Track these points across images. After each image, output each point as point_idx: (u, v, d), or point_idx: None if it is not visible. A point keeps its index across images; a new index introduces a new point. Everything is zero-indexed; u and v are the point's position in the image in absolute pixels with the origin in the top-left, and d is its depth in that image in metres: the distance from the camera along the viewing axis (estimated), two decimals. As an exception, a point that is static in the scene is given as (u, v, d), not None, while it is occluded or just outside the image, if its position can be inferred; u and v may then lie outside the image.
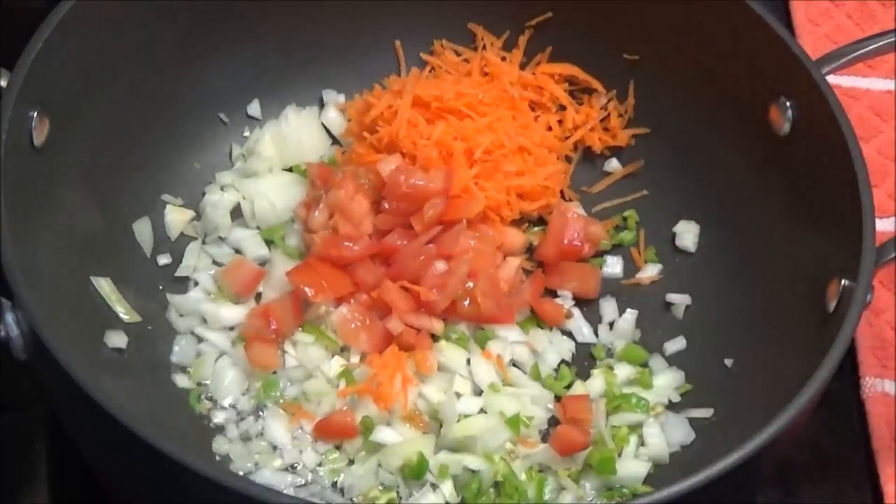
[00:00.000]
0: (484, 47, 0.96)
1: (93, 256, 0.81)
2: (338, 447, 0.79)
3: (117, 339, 0.79)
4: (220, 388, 0.81)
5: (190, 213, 0.89)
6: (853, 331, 0.71)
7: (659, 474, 0.79)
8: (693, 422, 0.82)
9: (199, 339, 0.83)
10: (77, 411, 0.67)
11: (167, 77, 0.87)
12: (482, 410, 0.80)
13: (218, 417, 0.80)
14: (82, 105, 0.80)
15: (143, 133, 0.86)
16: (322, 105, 0.96)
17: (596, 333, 0.88)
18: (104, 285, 0.80)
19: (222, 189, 0.91)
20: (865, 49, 0.84)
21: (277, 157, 0.92)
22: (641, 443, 0.81)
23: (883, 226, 0.94)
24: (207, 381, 0.81)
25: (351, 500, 0.77)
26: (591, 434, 0.80)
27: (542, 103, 0.95)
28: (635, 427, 0.81)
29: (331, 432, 0.79)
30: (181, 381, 0.81)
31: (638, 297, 0.90)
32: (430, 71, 0.96)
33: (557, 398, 0.83)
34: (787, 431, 0.65)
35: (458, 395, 0.81)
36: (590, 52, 0.95)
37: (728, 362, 0.83)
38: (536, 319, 0.87)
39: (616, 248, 0.92)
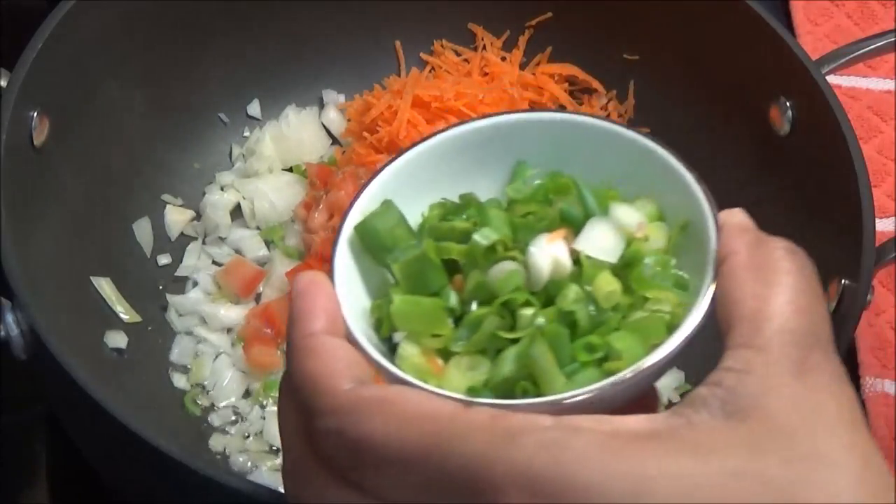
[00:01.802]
0: (484, 47, 0.96)
1: (93, 256, 0.81)
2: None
3: (117, 339, 0.79)
4: (218, 389, 0.81)
5: (190, 213, 0.89)
6: (853, 331, 0.71)
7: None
8: (693, 422, 0.81)
9: (199, 340, 0.83)
10: (77, 411, 0.67)
11: (167, 77, 0.88)
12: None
13: (216, 418, 0.80)
14: (82, 105, 0.80)
15: (142, 133, 0.86)
16: (322, 105, 0.96)
17: (596, 333, 0.88)
18: (104, 285, 0.80)
19: (222, 189, 0.91)
20: (865, 49, 0.84)
21: (277, 157, 0.92)
22: (641, 443, 0.81)
23: (883, 226, 0.94)
24: (206, 382, 0.81)
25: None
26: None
27: (542, 103, 0.95)
28: (635, 427, 0.81)
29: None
30: (180, 381, 0.81)
31: (638, 297, 0.89)
32: (430, 71, 0.97)
33: (557, 398, 0.83)
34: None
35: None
36: (590, 52, 0.95)
37: (728, 362, 0.83)
38: (536, 319, 0.87)
39: (616, 248, 0.92)
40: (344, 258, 0.48)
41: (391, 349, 0.46)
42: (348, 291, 0.47)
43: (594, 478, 0.37)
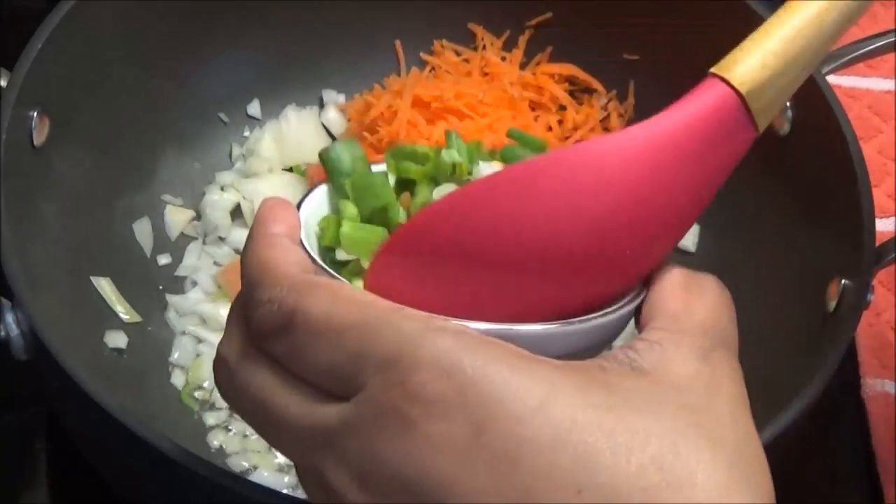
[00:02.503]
0: (484, 47, 0.96)
1: (93, 256, 0.81)
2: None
3: (117, 339, 0.79)
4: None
5: (190, 213, 0.89)
6: (853, 331, 0.71)
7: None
8: (693, 422, 0.81)
9: (199, 340, 0.83)
10: (77, 411, 0.67)
11: (167, 77, 0.88)
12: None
13: (216, 418, 0.80)
14: (82, 105, 0.80)
15: (143, 133, 0.86)
16: (322, 105, 0.96)
17: (596, 333, 0.88)
18: (104, 285, 0.80)
19: (222, 189, 0.91)
20: (865, 49, 0.84)
21: (277, 157, 0.92)
22: (641, 443, 0.81)
23: (883, 226, 0.94)
24: (206, 383, 0.81)
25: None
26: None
27: (542, 103, 0.95)
28: (635, 427, 0.81)
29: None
30: (180, 381, 0.81)
31: (638, 297, 0.89)
32: (430, 71, 0.97)
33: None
34: (787, 432, 0.65)
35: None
36: (590, 52, 0.95)
37: (728, 362, 0.83)
38: (536, 319, 0.87)
39: (616, 248, 0.92)
40: (314, 201, 0.52)
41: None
42: (308, 226, 0.50)
43: (509, 377, 0.40)
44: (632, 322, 0.90)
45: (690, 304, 0.47)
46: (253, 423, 0.46)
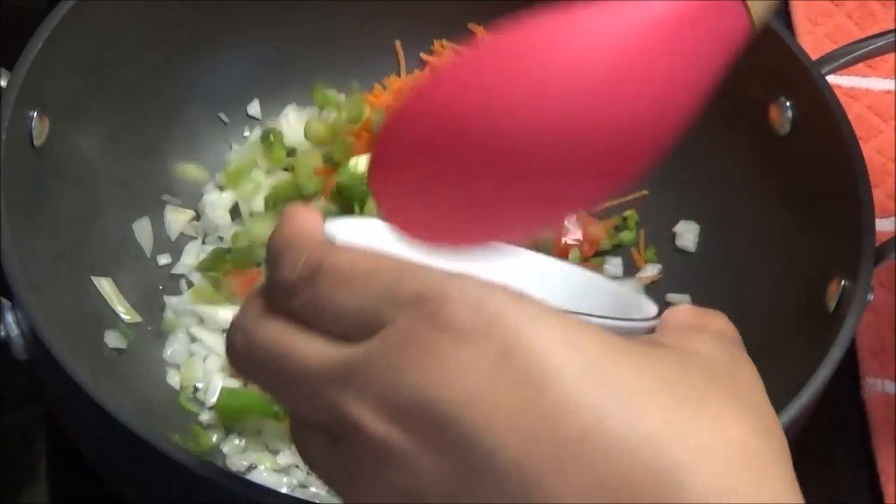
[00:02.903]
0: (484, 47, 0.96)
1: (93, 256, 0.81)
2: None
3: (117, 339, 0.79)
4: (213, 389, 0.80)
5: (190, 213, 0.89)
6: (853, 331, 0.71)
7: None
8: (693, 422, 0.81)
9: (193, 339, 0.83)
10: (77, 411, 0.67)
11: (167, 77, 0.88)
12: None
13: (214, 417, 0.80)
14: (82, 105, 0.80)
15: (143, 133, 0.86)
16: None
17: (596, 333, 0.88)
18: (104, 285, 0.80)
19: (221, 189, 0.91)
20: (865, 49, 0.84)
21: (277, 157, 0.92)
22: (641, 443, 0.81)
23: (883, 226, 0.94)
24: (200, 383, 0.81)
25: (350, 500, 0.77)
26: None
27: (542, 103, 0.95)
28: (635, 427, 0.81)
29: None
30: (177, 380, 0.81)
31: (638, 297, 0.89)
32: (430, 71, 0.96)
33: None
34: (787, 432, 0.65)
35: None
36: (590, 52, 0.95)
37: (728, 362, 0.83)
38: (536, 319, 0.87)
39: (616, 248, 0.92)
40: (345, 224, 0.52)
41: None
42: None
43: (537, 314, 0.41)
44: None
45: (700, 322, 0.49)
46: (265, 380, 0.46)
